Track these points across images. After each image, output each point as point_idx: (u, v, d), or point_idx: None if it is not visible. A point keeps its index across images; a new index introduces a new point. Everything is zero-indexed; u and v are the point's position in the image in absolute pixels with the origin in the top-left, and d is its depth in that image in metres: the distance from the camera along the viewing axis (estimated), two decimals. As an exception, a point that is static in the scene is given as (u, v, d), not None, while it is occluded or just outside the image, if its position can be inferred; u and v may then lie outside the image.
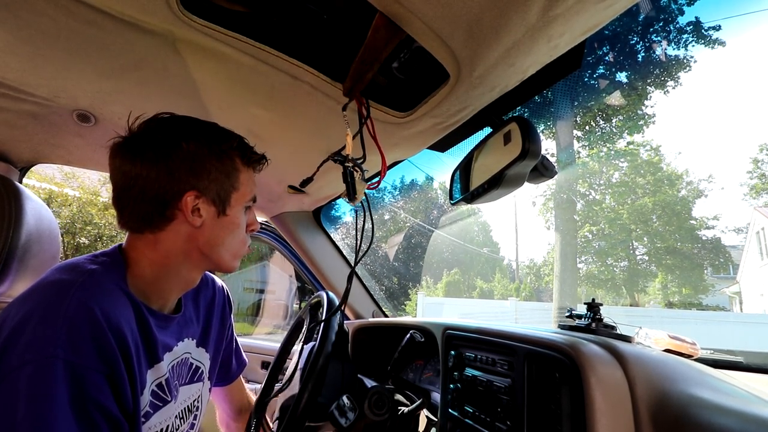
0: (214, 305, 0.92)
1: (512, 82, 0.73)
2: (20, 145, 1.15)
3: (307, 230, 1.62)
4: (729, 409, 0.54)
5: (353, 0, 0.58)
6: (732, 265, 16.06)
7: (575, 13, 0.55)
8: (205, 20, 0.67)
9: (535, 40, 0.60)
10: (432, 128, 0.91)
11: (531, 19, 0.55)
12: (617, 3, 0.55)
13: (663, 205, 15.05)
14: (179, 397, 0.77)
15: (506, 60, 0.65)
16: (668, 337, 0.91)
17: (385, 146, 0.98)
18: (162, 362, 0.71)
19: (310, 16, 0.72)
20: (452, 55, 0.64)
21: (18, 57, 0.77)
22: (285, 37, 0.75)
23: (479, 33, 0.59)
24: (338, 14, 0.72)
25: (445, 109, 0.82)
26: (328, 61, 0.79)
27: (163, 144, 0.68)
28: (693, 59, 10.86)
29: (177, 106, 0.72)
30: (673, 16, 10.46)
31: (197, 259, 0.74)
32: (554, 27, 0.57)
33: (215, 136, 0.72)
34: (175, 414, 0.76)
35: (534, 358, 0.71)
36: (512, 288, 19.01)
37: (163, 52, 0.74)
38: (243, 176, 0.75)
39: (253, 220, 0.81)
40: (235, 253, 0.77)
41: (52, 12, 0.64)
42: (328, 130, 0.99)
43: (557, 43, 0.62)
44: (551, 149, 12.28)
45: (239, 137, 0.76)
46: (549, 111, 11.10)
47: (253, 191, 0.78)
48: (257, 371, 1.92)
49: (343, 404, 0.86)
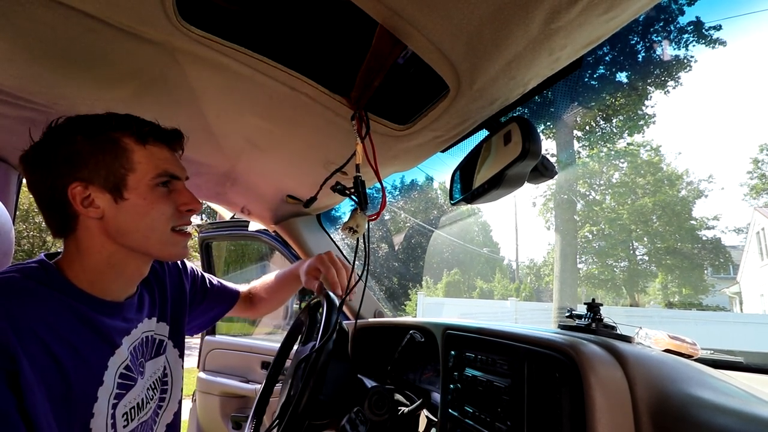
0: (165, 274, 0.93)
1: (513, 95, 0.73)
2: (19, 150, 1.15)
3: (310, 234, 1.61)
4: (729, 409, 0.54)
5: (353, 12, 0.57)
6: (732, 265, 16.07)
7: (577, 26, 0.54)
8: (203, 31, 0.67)
9: (537, 53, 0.60)
10: (431, 141, 0.91)
11: (532, 31, 0.55)
12: (620, 16, 0.54)
13: (663, 206, 15.05)
14: (146, 373, 0.81)
15: (507, 73, 0.65)
16: (668, 338, 0.91)
17: (384, 159, 0.98)
18: (121, 347, 0.74)
19: (309, 27, 0.72)
20: (452, 68, 0.64)
21: (16, 64, 0.76)
22: (284, 48, 0.75)
23: (480, 46, 0.58)
24: (337, 26, 0.72)
25: (445, 122, 0.82)
26: (327, 72, 0.79)
27: (44, 146, 0.69)
28: (693, 59, 10.87)
29: (175, 115, 0.72)
30: (674, 16, 10.47)
31: (123, 252, 0.72)
32: (556, 40, 0.57)
33: (94, 124, 0.69)
34: (146, 387, 0.80)
35: (534, 358, 0.71)
36: (512, 288, 19.02)
37: (161, 62, 0.74)
38: (138, 155, 0.70)
39: (184, 199, 0.75)
40: (161, 237, 0.73)
41: (50, 20, 0.64)
42: (327, 141, 0.99)
43: (559, 56, 0.61)
44: (551, 149, 12.29)
45: (128, 117, 0.72)
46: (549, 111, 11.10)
47: (163, 167, 0.72)
48: (257, 371, 1.92)
49: (354, 417, 0.86)
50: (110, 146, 0.69)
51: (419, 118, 0.82)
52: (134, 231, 0.71)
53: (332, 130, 0.92)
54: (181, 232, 0.76)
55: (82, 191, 0.68)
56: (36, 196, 0.71)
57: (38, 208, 0.72)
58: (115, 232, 0.70)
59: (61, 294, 0.67)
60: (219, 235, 2.18)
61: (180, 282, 0.97)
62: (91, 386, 0.68)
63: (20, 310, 0.60)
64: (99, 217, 0.69)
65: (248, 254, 6.92)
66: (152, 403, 0.83)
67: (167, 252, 0.75)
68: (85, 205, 0.68)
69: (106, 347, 0.71)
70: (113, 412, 0.71)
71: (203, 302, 1.05)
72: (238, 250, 6.52)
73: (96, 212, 0.69)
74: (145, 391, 0.80)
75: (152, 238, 0.72)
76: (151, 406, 0.83)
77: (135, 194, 0.70)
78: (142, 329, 0.82)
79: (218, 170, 1.27)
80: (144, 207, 0.71)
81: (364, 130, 0.79)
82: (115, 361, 0.72)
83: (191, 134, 1.04)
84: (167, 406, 0.88)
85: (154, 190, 0.71)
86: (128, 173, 0.69)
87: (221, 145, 1.10)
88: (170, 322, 0.91)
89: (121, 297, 0.77)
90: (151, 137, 0.72)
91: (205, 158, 1.18)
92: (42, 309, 0.63)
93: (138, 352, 0.80)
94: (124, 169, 0.69)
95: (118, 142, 0.69)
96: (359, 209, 0.82)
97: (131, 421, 0.76)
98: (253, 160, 1.19)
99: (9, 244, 0.86)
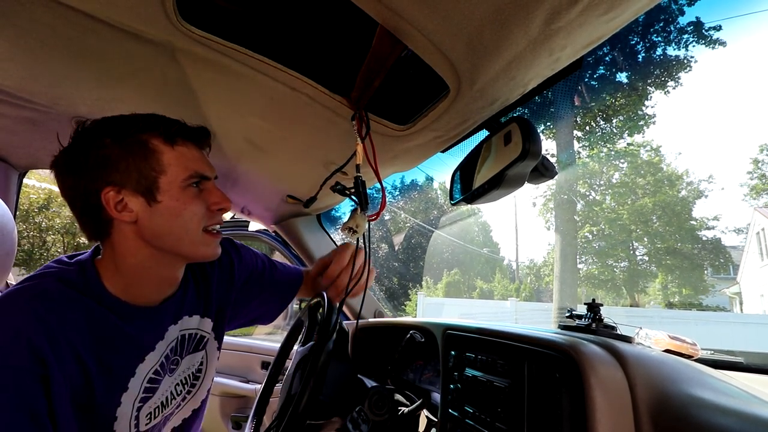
0: (214, 268, 0.91)
1: (513, 95, 0.72)
2: (19, 150, 1.15)
3: (310, 234, 1.61)
4: (729, 409, 0.54)
5: (353, 12, 0.57)
6: (732, 265, 16.05)
7: (578, 26, 0.54)
8: (203, 31, 0.67)
9: (537, 54, 0.59)
10: (432, 141, 0.91)
11: (532, 32, 0.55)
12: (620, 16, 0.54)
13: (663, 206, 15.04)
14: (180, 368, 0.82)
15: (507, 73, 0.64)
16: (668, 338, 0.91)
17: (384, 159, 0.98)
18: (153, 352, 0.74)
19: (309, 27, 0.72)
20: (452, 68, 0.64)
21: (16, 64, 0.76)
22: (284, 48, 0.75)
23: (480, 46, 0.58)
24: (337, 26, 0.72)
25: (445, 123, 0.81)
26: (327, 73, 0.79)
27: (74, 151, 0.68)
28: (693, 59, 10.85)
29: (176, 115, 0.72)
30: (674, 17, 10.46)
31: (158, 255, 0.72)
32: (556, 40, 0.57)
33: (121, 126, 0.69)
34: (175, 383, 0.81)
35: (534, 359, 0.71)
36: (512, 288, 19.01)
37: (162, 62, 0.74)
38: (167, 157, 0.69)
39: (215, 198, 0.75)
40: (193, 239, 0.72)
41: (50, 20, 0.64)
42: (327, 142, 0.99)
43: (559, 57, 0.61)
44: (551, 149, 12.29)
45: (154, 117, 0.71)
46: (549, 111, 11.10)
47: (193, 168, 0.71)
48: (257, 371, 1.92)
49: (356, 417, 0.86)
50: (139, 148, 0.68)
51: (419, 118, 0.82)
52: (168, 233, 0.70)
53: (332, 130, 0.92)
54: (213, 232, 0.75)
55: (115, 196, 0.67)
56: (69, 202, 0.71)
57: (71, 212, 0.71)
58: (150, 235, 0.70)
59: (94, 302, 0.68)
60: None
61: (229, 274, 0.94)
62: (116, 393, 0.69)
63: (52, 317, 0.62)
64: (133, 221, 0.69)
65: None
66: (179, 398, 0.83)
67: (200, 253, 0.74)
68: (119, 209, 0.68)
69: (134, 355, 0.71)
70: (137, 414, 0.72)
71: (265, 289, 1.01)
72: (238, 250, 6.46)
73: (130, 216, 0.68)
74: (173, 388, 0.80)
75: (185, 239, 0.71)
76: (177, 401, 0.82)
77: (168, 196, 0.69)
78: (181, 327, 0.81)
79: (218, 170, 1.26)
80: (177, 209, 0.70)
81: (364, 130, 0.79)
82: (143, 368, 0.72)
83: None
84: (195, 395, 0.88)
85: (185, 191, 0.71)
86: (159, 175, 0.69)
87: (221, 145, 1.10)
88: (215, 317, 0.90)
89: (157, 300, 0.76)
90: (179, 137, 0.71)
91: (205, 158, 1.18)
92: (73, 316, 0.64)
93: (174, 351, 0.80)
94: (155, 171, 0.68)
95: (147, 144, 0.68)
96: (359, 209, 0.81)
97: (154, 419, 0.76)
98: (254, 161, 1.19)
99: (12, 244, 0.86)
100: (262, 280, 1.01)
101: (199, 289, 0.87)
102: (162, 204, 0.69)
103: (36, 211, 9.85)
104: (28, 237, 9.87)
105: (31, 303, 0.62)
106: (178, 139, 0.71)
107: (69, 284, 0.67)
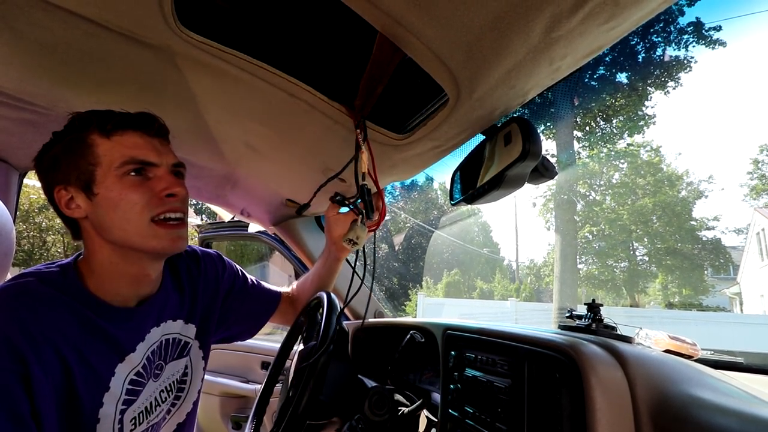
0: (200, 276, 0.91)
1: (513, 104, 0.72)
2: (19, 151, 1.15)
3: (309, 235, 1.61)
4: (729, 409, 0.54)
5: (353, 19, 0.57)
6: (732, 265, 16.05)
7: (578, 35, 0.54)
8: (202, 36, 0.67)
9: (537, 63, 0.59)
10: (430, 151, 0.91)
11: (533, 40, 0.54)
12: (620, 26, 0.53)
13: (663, 206, 15.04)
14: (164, 374, 0.81)
15: (507, 82, 0.64)
16: (668, 338, 0.91)
17: (383, 168, 0.98)
18: (133, 353, 0.74)
19: (308, 34, 0.72)
20: (452, 77, 0.63)
21: (16, 67, 0.77)
22: (283, 55, 0.75)
23: (479, 54, 0.58)
24: (337, 33, 0.72)
25: (444, 132, 0.81)
26: (327, 80, 0.79)
27: (37, 156, 0.73)
28: (693, 60, 10.85)
29: (175, 119, 0.73)
30: (674, 17, 10.46)
31: (119, 251, 0.71)
32: (556, 49, 0.56)
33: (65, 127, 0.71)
34: (159, 389, 0.80)
35: (534, 359, 0.71)
36: (512, 289, 19.00)
37: (161, 66, 0.74)
38: (102, 148, 0.68)
39: (162, 185, 0.70)
40: (139, 230, 0.69)
41: (49, 24, 0.64)
42: (325, 148, 0.99)
43: (559, 66, 0.61)
44: (551, 150, 12.29)
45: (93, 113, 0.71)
46: (549, 111, 11.10)
47: (129, 155, 0.69)
48: (257, 371, 1.92)
49: (355, 425, 0.87)
50: (77, 145, 0.69)
51: (418, 127, 0.81)
52: (111, 226, 0.69)
53: (331, 138, 0.92)
54: (163, 223, 0.71)
55: (65, 194, 0.69)
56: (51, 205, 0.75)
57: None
58: (100, 229, 0.70)
59: (73, 300, 0.68)
60: (219, 236, 2.19)
61: (215, 283, 0.95)
62: (97, 392, 0.68)
63: (31, 315, 0.62)
64: (84, 217, 0.71)
65: (248, 254, 6.93)
66: (165, 404, 0.82)
67: (150, 246, 0.70)
68: (71, 207, 0.70)
69: (114, 355, 0.71)
70: (121, 417, 0.71)
71: (243, 305, 1.02)
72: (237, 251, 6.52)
73: (79, 212, 0.70)
74: (158, 394, 0.80)
75: (130, 231, 0.69)
76: (163, 408, 0.82)
77: (103, 188, 0.68)
78: (163, 332, 0.81)
79: (218, 173, 1.28)
80: (114, 199, 0.68)
81: (363, 138, 0.79)
82: (123, 368, 0.72)
83: (191, 137, 1.04)
84: (181, 406, 0.88)
85: (122, 180, 0.68)
86: (95, 168, 0.68)
87: (221, 148, 1.10)
88: (199, 323, 0.90)
89: (133, 301, 0.76)
90: (115, 127, 0.70)
91: (204, 161, 1.19)
92: (52, 315, 0.64)
93: (156, 354, 0.79)
94: (92, 165, 0.68)
95: (85, 140, 0.69)
96: (360, 220, 0.81)
97: (139, 425, 0.76)
98: (253, 164, 1.19)
99: (10, 245, 0.86)
100: (240, 295, 1.02)
101: (184, 295, 0.87)
102: (99, 196, 0.68)
103: (36, 211, 9.86)
104: (28, 237, 9.87)
105: (10, 302, 0.62)
106: (116, 130, 0.70)
107: (49, 284, 0.67)
